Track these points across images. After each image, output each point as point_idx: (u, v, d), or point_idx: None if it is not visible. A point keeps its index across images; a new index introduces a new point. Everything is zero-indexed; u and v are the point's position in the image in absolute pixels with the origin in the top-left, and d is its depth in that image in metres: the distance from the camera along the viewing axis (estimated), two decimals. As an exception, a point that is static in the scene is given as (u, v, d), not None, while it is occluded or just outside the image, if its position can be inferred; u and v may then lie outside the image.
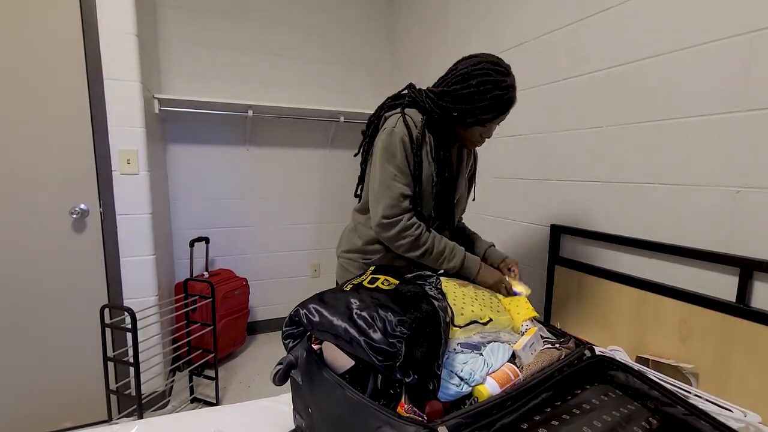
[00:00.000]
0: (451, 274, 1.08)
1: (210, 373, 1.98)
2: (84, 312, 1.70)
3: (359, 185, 1.20)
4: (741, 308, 0.99)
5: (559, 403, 0.61)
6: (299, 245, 2.81)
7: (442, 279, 0.89)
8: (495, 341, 0.74)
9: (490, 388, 0.63)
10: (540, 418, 0.57)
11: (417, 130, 1.04)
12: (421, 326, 0.61)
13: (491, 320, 0.78)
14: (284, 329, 0.75)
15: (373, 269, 0.88)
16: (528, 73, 1.64)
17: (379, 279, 0.78)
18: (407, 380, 0.57)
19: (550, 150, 1.57)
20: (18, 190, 1.58)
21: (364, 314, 0.63)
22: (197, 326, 1.89)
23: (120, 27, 1.63)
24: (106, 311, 1.49)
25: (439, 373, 0.61)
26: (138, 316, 1.46)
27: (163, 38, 2.29)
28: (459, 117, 1.03)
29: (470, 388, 0.63)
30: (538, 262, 1.63)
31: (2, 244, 1.57)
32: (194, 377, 1.95)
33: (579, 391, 0.64)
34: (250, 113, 2.33)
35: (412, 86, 1.14)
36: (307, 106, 2.41)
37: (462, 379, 0.63)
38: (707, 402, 0.90)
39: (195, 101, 2.17)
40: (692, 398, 0.90)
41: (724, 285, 1.05)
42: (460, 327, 0.73)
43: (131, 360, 1.47)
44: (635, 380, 0.66)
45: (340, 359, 0.64)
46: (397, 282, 0.78)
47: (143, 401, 1.50)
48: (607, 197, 1.35)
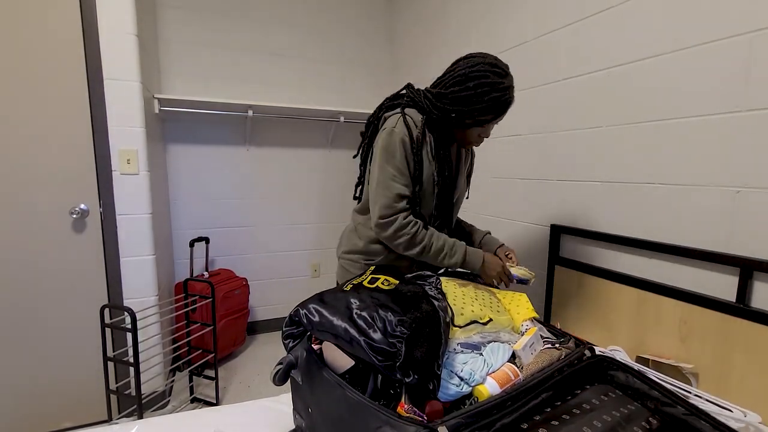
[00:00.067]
0: (453, 273, 1.08)
1: (210, 373, 1.98)
2: (84, 312, 1.70)
3: (358, 186, 1.20)
4: (741, 308, 0.99)
5: (559, 403, 0.61)
6: (299, 245, 2.81)
7: (442, 279, 0.89)
8: (495, 341, 0.74)
9: (490, 388, 0.63)
10: (540, 418, 0.57)
11: (417, 130, 1.04)
12: (421, 326, 0.61)
13: (491, 320, 0.78)
14: (284, 329, 0.75)
15: (373, 269, 0.88)
16: (528, 73, 1.64)
17: (379, 279, 0.78)
18: (407, 380, 0.57)
19: (550, 150, 1.57)
20: (18, 190, 1.58)
21: (364, 314, 0.63)
22: (197, 326, 1.90)
23: (120, 27, 1.63)
24: (106, 311, 1.49)
25: (439, 373, 0.61)
26: (138, 316, 1.46)
27: (163, 38, 2.29)
28: (457, 118, 1.03)
29: (470, 388, 0.63)
30: (538, 262, 1.63)
31: (2, 244, 1.57)
32: (194, 377, 1.95)
33: (579, 391, 0.64)
34: (250, 113, 2.33)
35: (411, 86, 1.14)
36: (307, 106, 2.41)
37: (462, 379, 0.63)
38: (707, 402, 0.90)
39: (195, 101, 2.17)
40: (692, 398, 0.90)
41: (724, 285, 1.05)
42: (460, 327, 0.73)
43: (131, 360, 1.47)
44: (635, 380, 0.66)
45: (340, 359, 0.64)
46: (397, 282, 0.78)
47: (143, 401, 1.50)
48: (607, 197, 1.35)
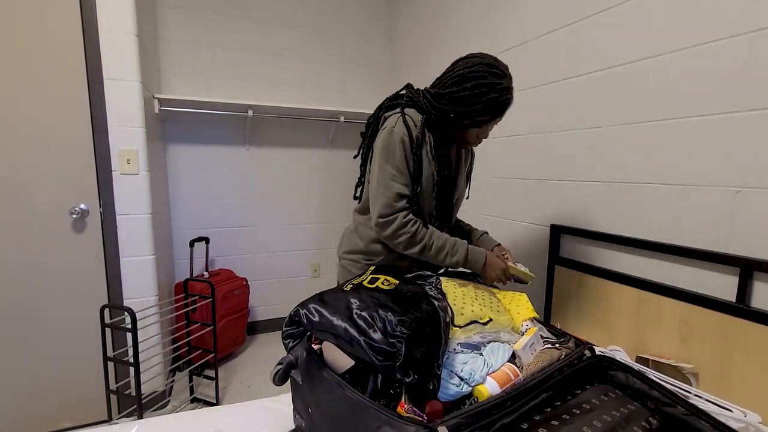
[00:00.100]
0: (453, 273, 1.08)
1: (210, 373, 1.98)
2: (84, 312, 1.70)
3: (359, 187, 1.20)
4: (741, 308, 0.99)
5: (559, 403, 0.61)
6: (299, 245, 2.81)
7: (442, 279, 0.89)
8: (495, 341, 0.74)
9: (490, 388, 0.63)
10: (540, 418, 0.57)
11: (417, 130, 1.04)
12: (421, 326, 0.61)
13: (491, 320, 0.78)
14: (284, 329, 0.75)
15: (373, 269, 0.88)
16: (528, 73, 1.64)
17: (379, 279, 0.78)
18: (407, 380, 0.57)
19: (550, 150, 1.57)
20: (18, 190, 1.58)
21: (364, 314, 0.63)
22: (197, 326, 1.90)
23: (120, 27, 1.63)
24: (106, 311, 1.49)
25: (439, 373, 0.61)
26: (138, 316, 1.46)
27: (163, 38, 2.29)
28: (455, 118, 1.03)
29: (470, 388, 0.63)
30: (538, 262, 1.63)
31: (2, 244, 1.57)
32: (194, 377, 1.95)
33: (579, 391, 0.64)
34: (250, 113, 2.33)
35: (410, 86, 1.14)
36: (307, 106, 2.41)
37: (462, 379, 0.63)
38: (707, 402, 0.90)
39: (195, 101, 2.17)
40: (692, 398, 0.90)
41: (724, 285, 1.05)
42: (460, 327, 0.73)
43: (131, 360, 1.47)
44: (635, 380, 0.66)
45: (340, 359, 0.64)
46: (397, 282, 0.78)
47: (143, 401, 1.50)
48: (607, 197, 1.35)
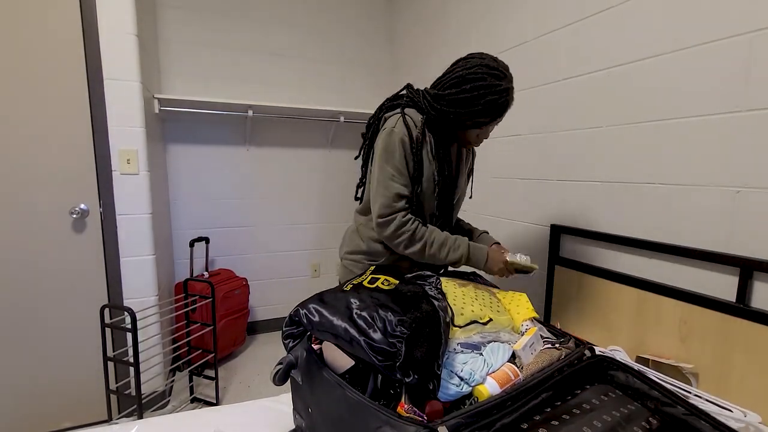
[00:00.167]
0: (453, 273, 1.08)
1: (210, 373, 1.98)
2: (84, 312, 1.70)
3: (360, 187, 1.20)
4: (741, 308, 0.99)
5: (559, 403, 0.61)
6: (299, 245, 2.81)
7: (442, 279, 0.89)
8: (495, 341, 0.74)
9: (490, 388, 0.63)
10: (540, 418, 0.57)
11: (417, 130, 1.04)
12: (421, 326, 0.61)
13: (491, 320, 0.78)
14: (284, 329, 0.75)
15: (373, 269, 0.88)
16: (528, 73, 1.64)
17: (379, 279, 0.78)
18: (407, 380, 0.57)
19: (550, 150, 1.57)
20: (18, 190, 1.58)
21: (364, 314, 0.63)
22: (197, 326, 1.90)
23: (120, 27, 1.63)
24: (106, 311, 1.49)
25: (439, 373, 0.61)
26: (138, 316, 1.46)
27: (163, 38, 2.29)
28: (455, 119, 1.03)
29: (470, 388, 0.63)
30: (538, 262, 1.61)
31: (2, 244, 1.57)
32: (194, 377, 1.95)
33: (579, 391, 0.64)
34: (250, 113, 2.33)
35: (411, 87, 1.14)
36: (307, 106, 2.41)
37: (462, 379, 0.63)
38: (707, 402, 0.90)
39: (195, 101, 2.17)
40: (692, 398, 0.90)
41: (724, 285, 1.05)
42: (460, 327, 0.73)
43: (131, 360, 1.47)
44: (635, 380, 0.66)
45: (340, 359, 0.64)
46: (397, 282, 0.78)
47: (143, 401, 1.50)
48: (607, 197, 1.35)
